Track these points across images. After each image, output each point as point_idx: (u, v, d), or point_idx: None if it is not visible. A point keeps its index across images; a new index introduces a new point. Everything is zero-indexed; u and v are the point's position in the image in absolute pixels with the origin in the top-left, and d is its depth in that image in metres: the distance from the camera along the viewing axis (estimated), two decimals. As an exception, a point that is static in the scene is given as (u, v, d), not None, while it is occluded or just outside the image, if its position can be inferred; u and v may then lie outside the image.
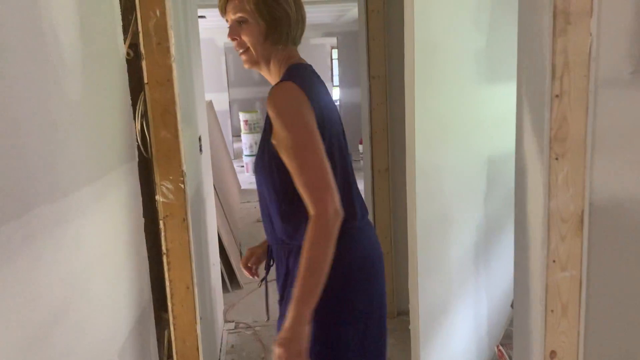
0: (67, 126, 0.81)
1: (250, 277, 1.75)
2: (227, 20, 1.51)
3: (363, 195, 1.65)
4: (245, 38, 1.49)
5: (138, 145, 2.01)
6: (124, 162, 1.15)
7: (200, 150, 2.61)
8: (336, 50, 10.04)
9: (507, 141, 2.18)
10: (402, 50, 2.20)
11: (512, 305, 2.36)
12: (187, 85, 2.38)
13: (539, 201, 1.30)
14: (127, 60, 1.99)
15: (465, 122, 2.20)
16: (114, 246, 1.05)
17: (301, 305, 1.23)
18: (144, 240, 1.43)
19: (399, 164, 2.82)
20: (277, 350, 1.23)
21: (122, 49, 1.22)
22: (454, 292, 2.24)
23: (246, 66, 1.54)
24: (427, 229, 2.20)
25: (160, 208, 2.01)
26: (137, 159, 1.34)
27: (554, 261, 1.30)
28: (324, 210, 1.25)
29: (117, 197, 1.09)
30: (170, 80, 1.93)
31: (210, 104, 5.31)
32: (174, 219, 2.02)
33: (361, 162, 9.15)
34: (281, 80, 1.43)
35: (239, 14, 1.47)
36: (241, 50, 1.51)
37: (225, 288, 3.69)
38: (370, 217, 3.13)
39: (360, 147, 9.30)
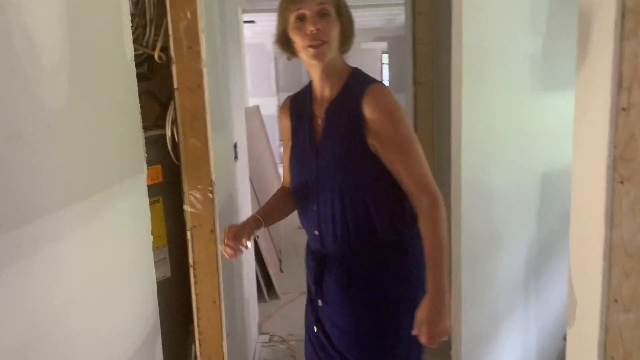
0: (40, 137, 0.72)
1: (231, 256, 1.56)
2: (299, 10, 1.42)
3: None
4: (328, 30, 1.42)
5: (169, 153, 1.94)
6: (126, 176, 1.06)
7: (236, 157, 2.53)
8: (386, 55, 9.86)
9: (564, 155, 1.98)
10: (450, 55, 2.05)
11: (564, 338, 2.14)
12: (222, 90, 2.30)
13: (599, 230, 1.12)
14: (160, 65, 1.93)
15: (518, 134, 2.01)
16: (107, 272, 0.96)
17: (442, 282, 1.34)
18: (152, 262, 1.34)
19: (446, 176, 2.64)
20: (425, 329, 1.31)
21: (129, 51, 1.13)
22: (501, 320, 2.05)
23: (319, 61, 1.45)
24: (472, 249, 2.03)
25: (187, 218, 1.94)
26: (145, 172, 1.24)
27: (615, 300, 1.11)
28: (439, 195, 1.40)
29: (116, 216, 1.00)
30: (200, 86, 1.85)
31: (256, 109, 5.27)
32: (201, 229, 1.94)
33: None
34: (362, 83, 1.47)
35: (325, 6, 1.42)
36: (318, 43, 1.42)
37: (261, 297, 3.60)
38: None
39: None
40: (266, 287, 3.71)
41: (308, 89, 1.62)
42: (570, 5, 1.97)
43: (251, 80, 8.31)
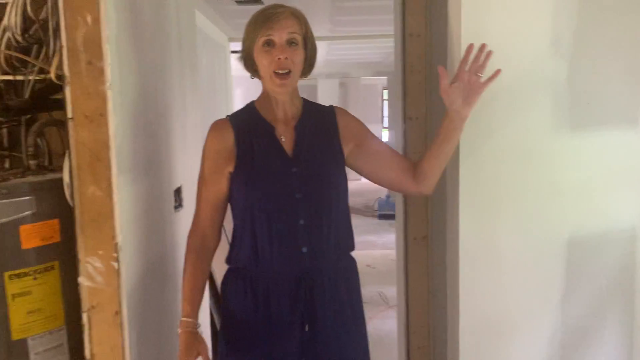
0: None
1: None
2: (268, 36, 1.41)
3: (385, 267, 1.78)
4: (295, 60, 1.44)
5: (68, 202, 1.45)
6: None
7: (180, 205, 2.02)
8: (387, 91, 9.53)
9: (599, 215, 1.48)
10: None
11: None
12: (158, 119, 1.81)
13: None
14: (57, 86, 1.47)
15: (535, 186, 1.51)
16: None
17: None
18: None
19: (440, 240, 2.10)
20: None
21: None
22: None
23: (284, 90, 1.47)
24: (474, 341, 1.58)
25: (84, 295, 1.42)
26: None
27: None
28: None
29: None
30: (104, 115, 1.36)
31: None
32: (102, 311, 1.42)
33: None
34: (320, 105, 1.63)
35: (295, 35, 1.43)
36: (285, 72, 1.43)
37: None
38: (402, 303, 2.44)
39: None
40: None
41: (252, 110, 1.54)
42: (607, 19, 1.50)
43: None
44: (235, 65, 7.07)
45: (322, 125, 1.54)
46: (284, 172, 1.48)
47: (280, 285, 1.47)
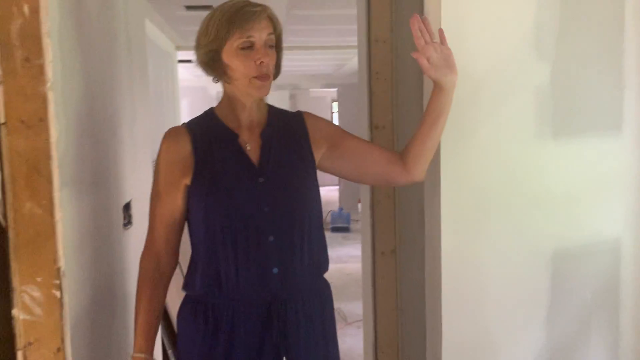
0: None
1: None
2: (248, 37, 1.28)
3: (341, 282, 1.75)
4: (272, 63, 1.34)
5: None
6: None
7: (129, 222, 1.83)
8: (336, 103, 9.52)
9: (586, 227, 1.42)
10: (418, 92, 1.58)
11: None
12: (106, 127, 1.62)
13: None
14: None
15: (519, 196, 1.44)
16: None
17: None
18: None
19: (417, 258, 1.98)
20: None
21: None
22: None
23: (264, 94, 1.36)
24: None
25: (19, 330, 1.22)
26: None
27: None
28: None
29: None
30: (44, 120, 1.18)
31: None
32: (41, 348, 1.22)
33: (358, 222, 8.28)
34: (285, 110, 1.50)
35: (272, 36, 1.33)
36: (267, 76, 1.33)
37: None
38: (369, 321, 2.32)
39: (360, 205, 8.48)
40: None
41: (212, 117, 1.40)
42: (589, 23, 1.45)
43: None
44: (183, 75, 6.83)
45: (290, 131, 1.43)
46: (250, 183, 1.34)
47: (248, 313, 1.32)
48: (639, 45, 1.42)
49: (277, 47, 1.36)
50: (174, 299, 1.45)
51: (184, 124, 1.40)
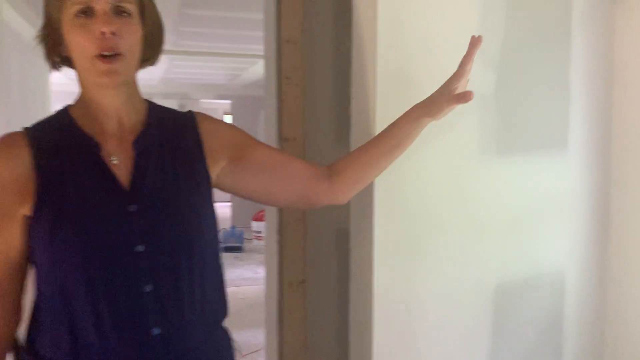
0: None
1: None
2: (84, 3, 0.94)
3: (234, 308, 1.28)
4: (127, 37, 0.97)
5: None
6: None
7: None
8: (230, 116, 9.19)
9: (527, 257, 1.27)
10: (333, 100, 1.45)
11: None
12: None
13: None
14: None
15: (459, 223, 1.26)
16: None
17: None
18: None
19: (323, 274, 1.77)
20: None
21: None
22: None
23: (112, 81, 0.98)
24: None
25: None
26: None
27: None
28: None
29: None
30: None
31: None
32: None
33: (254, 241, 7.93)
34: (174, 110, 1.16)
35: (126, 3, 0.97)
36: (112, 53, 0.95)
37: None
38: (273, 357, 2.09)
39: (254, 224, 8.14)
40: None
41: (65, 119, 1.03)
42: (538, 26, 1.31)
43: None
44: (57, 77, 6.13)
45: (176, 139, 1.09)
46: (117, 212, 0.99)
47: None
48: (586, 56, 1.31)
49: (143, 17, 1.02)
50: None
51: (24, 128, 1.02)
